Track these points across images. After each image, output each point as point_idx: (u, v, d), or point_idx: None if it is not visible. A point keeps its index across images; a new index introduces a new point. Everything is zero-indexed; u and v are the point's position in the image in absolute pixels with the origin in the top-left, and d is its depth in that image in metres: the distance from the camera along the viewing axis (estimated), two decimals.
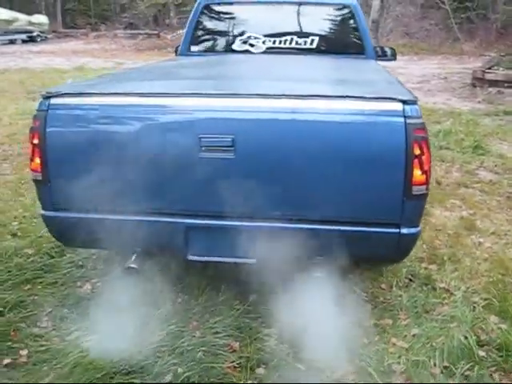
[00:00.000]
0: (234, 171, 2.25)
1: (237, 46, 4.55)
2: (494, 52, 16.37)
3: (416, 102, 2.19)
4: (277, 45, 4.49)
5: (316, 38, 4.46)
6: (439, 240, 3.61)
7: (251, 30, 4.54)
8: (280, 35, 4.48)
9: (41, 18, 26.25)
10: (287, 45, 4.47)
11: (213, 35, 4.76)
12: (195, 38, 4.63)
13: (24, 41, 23.89)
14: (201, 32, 4.69)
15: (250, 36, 4.52)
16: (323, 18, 4.61)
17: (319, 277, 2.39)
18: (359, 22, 4.43)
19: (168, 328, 2.54)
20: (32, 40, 24.35)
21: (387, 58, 4.74)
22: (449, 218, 4.01)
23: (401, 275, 3.06)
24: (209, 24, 4.74)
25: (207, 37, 4.76)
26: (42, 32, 25.77)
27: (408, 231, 2.29)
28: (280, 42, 4.48)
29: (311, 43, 4.45)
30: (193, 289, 2.87)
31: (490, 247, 3.52)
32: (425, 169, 2.19)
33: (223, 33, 4.71)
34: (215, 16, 4.73)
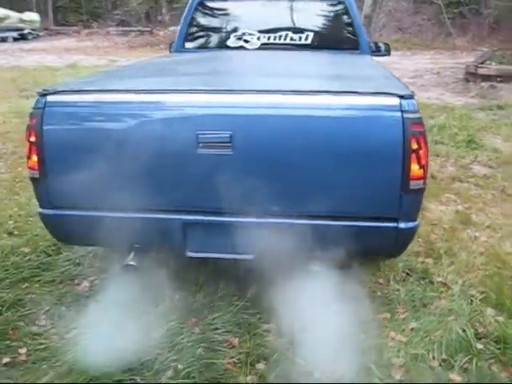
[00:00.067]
0: (232, 167, 2.24)
1: (231, 43, 4.53)
2: (487, 47, 16.39)
3: (413, 97, 2.20)
4: (272, 41, 4.47)
5: (311, 34, 4.45)
6: (435, 234, 3.63)
7: (246, 26, 4.52)
8: (275, 31, 4.47)
9: (32, 16, 25.98)
10: (282, 41, 4.45)
11: (207, 31, 4.73)
12: (189, 35, 4.61)
13: (15, 39, 23.63)
14: (195, 28, 4.67)
15: (245, 32, 4.50)
16: (318, 14, 4.61)
17: (317, 272, 2.40)
18: (354, 18, 4.43)
19: (167, 324, 2.54)
20: (23, 38, 24.10)
21: (381, 54, 4.72)
22: (444, 212, 4.03)
23: (398, 269, 3.08)
24: (203, 20, 4.72)
25: (201, 33, 4.74)
26: (34, 30, 25.50)
27: (406, 225, 2.30)
28: (275, 38, 4.47)
29: (306, 39, 4.44)
30: (191, 285, 2.87)
31: (486, 241, 3.54)
32: (422, 163, 2.20)
33: (217, 29, 4.70)
34: (209, 12, 4.72)
